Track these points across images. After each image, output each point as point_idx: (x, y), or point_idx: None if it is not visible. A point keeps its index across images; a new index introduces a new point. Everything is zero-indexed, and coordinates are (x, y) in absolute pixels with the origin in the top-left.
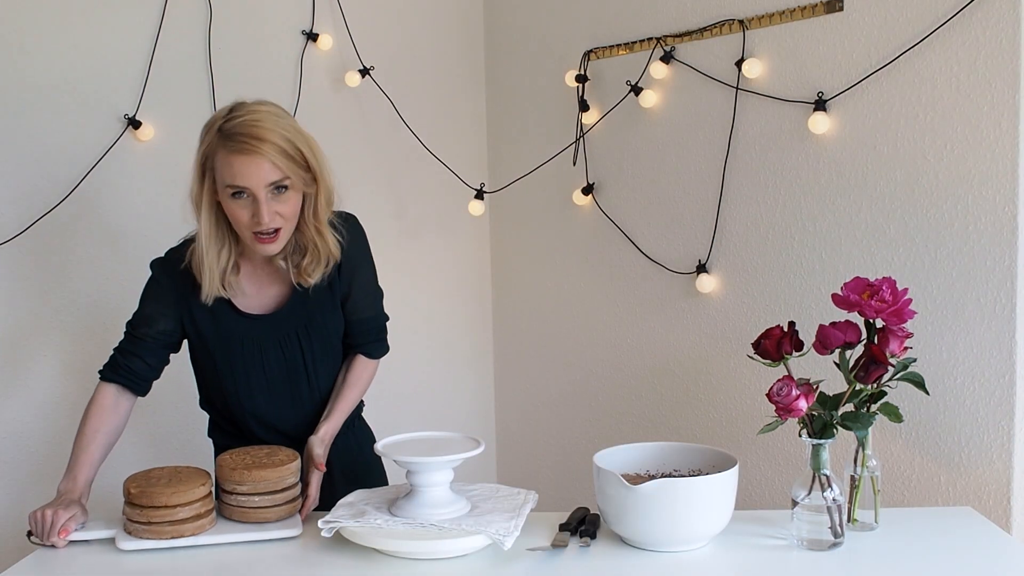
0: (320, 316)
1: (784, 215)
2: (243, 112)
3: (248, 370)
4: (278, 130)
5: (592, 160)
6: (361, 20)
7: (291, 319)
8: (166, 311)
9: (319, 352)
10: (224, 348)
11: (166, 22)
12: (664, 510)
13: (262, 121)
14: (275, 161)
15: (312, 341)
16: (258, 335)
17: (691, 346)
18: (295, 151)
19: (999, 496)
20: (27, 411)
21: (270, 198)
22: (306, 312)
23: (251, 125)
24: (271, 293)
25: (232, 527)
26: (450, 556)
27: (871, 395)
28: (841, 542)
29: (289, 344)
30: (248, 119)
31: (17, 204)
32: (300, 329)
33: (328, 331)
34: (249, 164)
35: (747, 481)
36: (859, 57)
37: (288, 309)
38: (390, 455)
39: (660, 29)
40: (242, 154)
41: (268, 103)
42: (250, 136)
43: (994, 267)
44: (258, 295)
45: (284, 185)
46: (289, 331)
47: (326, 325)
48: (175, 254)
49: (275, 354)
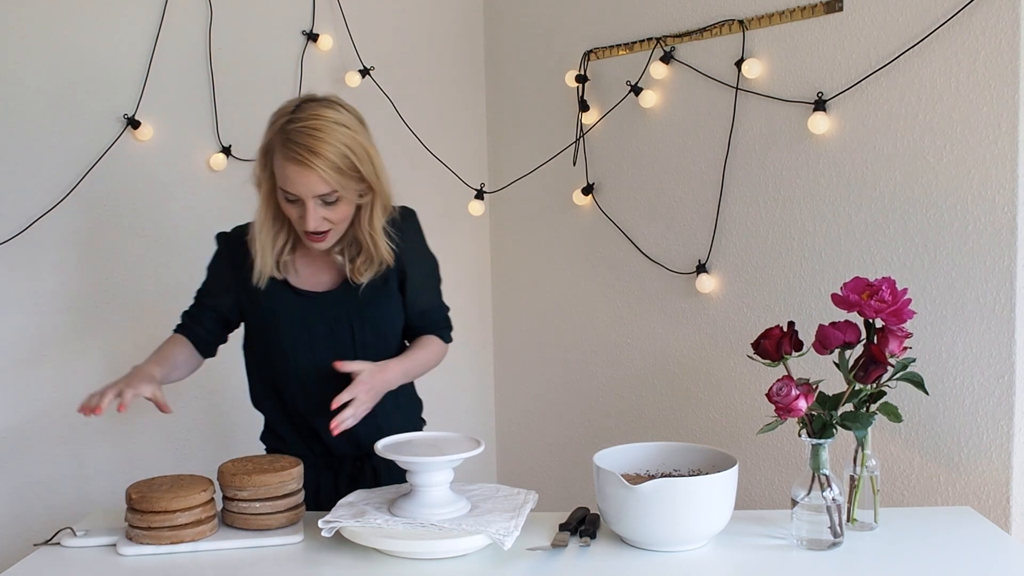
0: (374, 304)
1: (784, 215)
2: (305, 116)
3: (296, 345)
4: (334, 143)
5: (592, 160)
6: (361, 20)
7: (344, 302)
8: (224, 285)
9: (370, 339)
10: (273, 321)
11: (166, 22)
12: (664, 510)
13: (320, 131)
14: (325, 176)
15: (364, 326)
16: (307, 312)
17: (691, 346)
18: (348, 165)
19: (998, 496)
20: (25, 412)
21: (319, 205)
22: (359, 298)
23: (308, 135)
24: (324, 279)
25: (233, 534)
26: (450, 556)
27: (870, 395)
28: (840, 542)
29: (339, 326)
30: (308, 126)
31: (17, 204)
32: (353, 313)
33: (380, 320)
34: (299, 174)
35: (747, 481)
36: (859, 57)
37: (341, 292)
38: (390, 455)
39: (660, 29)
40: (295, 163)
41: (334, 105)
42: (305, 148)
43: (993, 267)
44: (312, 277)
45: (334, 198)
46: (340, 313)
47: (379, 313)
48: (240, 230)
49: (323, 332)
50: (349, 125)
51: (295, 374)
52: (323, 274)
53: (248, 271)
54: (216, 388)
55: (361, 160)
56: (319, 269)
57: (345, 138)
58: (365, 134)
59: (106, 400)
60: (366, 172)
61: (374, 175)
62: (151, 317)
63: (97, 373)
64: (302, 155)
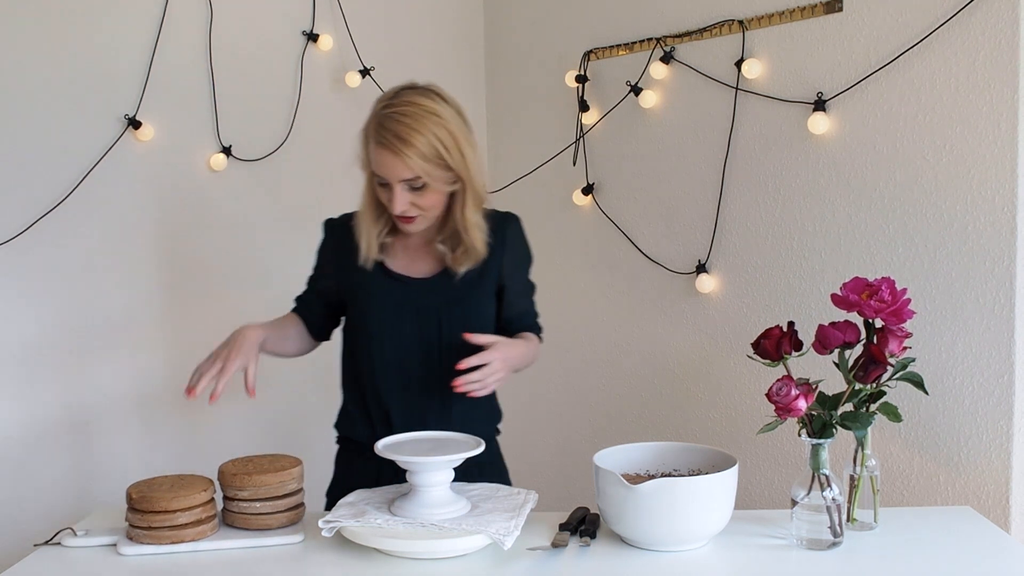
0: (465, 299)
1: (784, 215)
2: (400, 102)
3: (382, 328)
4: (423, 131)
5: (592, 160)
6: (361, 20)
7: (435, 292)
8: (328, 269)
9: (456, 333)
10: (364, 301)
11: (166, 22)
12: (664, 510)
13: (410, 119)
14: (410, 163)
15: (452, 320)
16: (398, 296)
17: (691, 346)
18: (434, 154)
19: (998, 495)
20: (25, 412)
21: (405, 190)
22: (452, 290)
23: (398, 121)
24: (421, 266)
25: (233, 534)
26: (450, 556)
27: (870, 395)
28: (840, 542)
29: (426, 314)
30: (399, 112)
31: (17, 204)
32: (442, 304)
33: (468, 316)
34: (387, 160)
35: (747, 481)
36: (858, 57)
37: (435, 281)
38: (390, 455)
39: (660, 29)
40: (383, 148)
41: (431, 94)
42: (393, 134)
43: (993, 267)
44: (410, 263)
45: (420, 184)
46: (430, 302)
47: (468, 310)
48: (346, 216)
49: (410, 318)
50: (441, 115)
51: (378, 357)
52: (420, 261)
53: (350, 254)
54: None
55: (449, 150)
56: (416, 256)
57: (435, 127)
58: (459, 125)
59: (201, 385)
60: (454, 162)
61: (463, 166)
62: (151, 317)
63: (97, 373)
64: (390, 141)
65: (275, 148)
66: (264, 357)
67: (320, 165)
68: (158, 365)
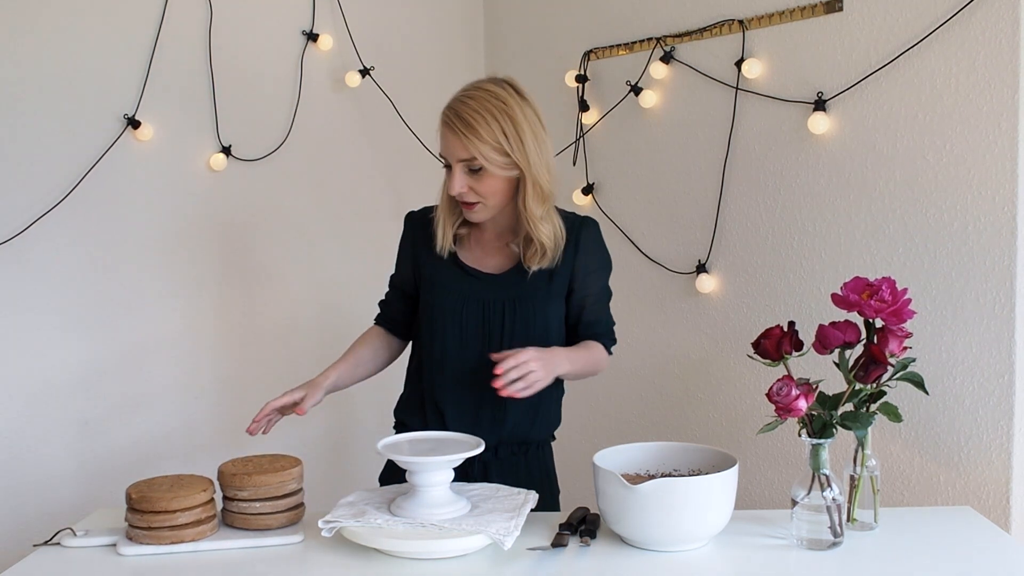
0: (532, 299)
1: (784, 215)
2: (472, 88)
3: (447, 320)
4: (485, 115)
5: (592, 160)
6: (361, 20)
7: (503, 288)
8: (405, 261)
9: (519, 331)
10: (433, 292)
11: (166, 22)
12: (664, 510)
13: (473, 100)
14: (466, 143)
15: (515, 317)
16: (466, 288)
17: (691, 346)
18: (493, 139)
19: (998, 496)
20: (25, 412)
21: (463, 172)
22: (519, 289)
23: (462, 102)
24: (492, 261)
25: (233, 534)
26: (450, 556)
27: (870, 395)
28: (840, 542)
29: (491, 309)
30: (466, 95)
31: (17, 203)
32: (508, 301)
33: (534, 316)
34: (446, 138)
35: (747, 481)
36: (859, 57)
37: (504, 277)
38: (390, 455)
39: (660, 29)
40: (444, 127)
41: (503, 84)
42: (454, 113)
43: (993, 267)
44: (482, 257)
45: (477, 166)
46: (495, 297)
47: (534, 310)
48: (426, 209)
49: (475, 312)
50: (507, 103)
51: (440, 350)
52: (492, 257)
53: (426, 245)
54: (218, 388)
55: (509, 137)
56: (489, 252)
57: (498, 112)
58: (526, 117)
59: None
60: (513, 151)
61: (523, 157)
62: (151, 317)
63: (97, 373)
64: (452, 121)
65: (275, 148)
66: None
67: (320, 165)
68: (157, 364)
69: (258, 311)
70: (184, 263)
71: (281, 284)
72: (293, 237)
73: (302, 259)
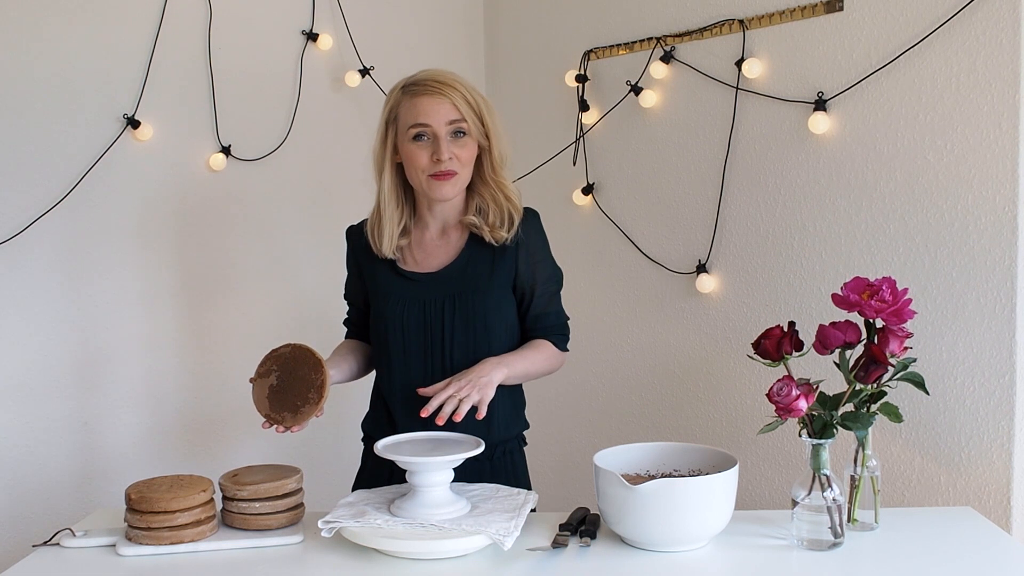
0: (473, 290)
1: (784, 215)
2: (426, 71)
3: (388, 325)
4: (460, 81)
5: (592, 160)
6: (361, 20)
7: (443, 284)
8: (352, 275)
9: (459, 326)
10: (378, 303)
11: (166, 22)
12: (664, 510)
13: (445, 75)
14: (456, 103)
15: (455, 313)
16: (406, 293)
17: (691, 346)
18: (473, 101)
19: (999, 496)
20: (25, 412)
21: (449, 139)
22: (459, 283)
23: (435, 76)
24: (433, 261)
25: (233, 534)
26: (450, 556)
27: (871, 395)
28: (841, 542)
29: (431, 308)
30: (431, 72)
31: (16, 203)
32: (448, 297)
33: (475, 308)
34: (432, 103)
35: (747, 481)
36: (859, 57)
37: (443, 274)
38: (390, 455)
39: (660, 29)
40: (426, 95)
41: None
42: (435, 81)
43: (994, 267)
44: (423, 260)
45: (462, 129)
46: (434, 296)
47: (475, 300)
48: (363, 222)
49: (416, 313)
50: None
51: (386, 356)
52: (433, 256)
53: (367, 255)
54: (221, 388)
55: (478, 100)
56: (430, 252)
57: (466, 82)
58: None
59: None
60: (484, 115)
61: (491, 121)
62: (152, 317)
63: (97, 373)
64: (434, 85)
65: (275, 148)
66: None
67: (320, 165)
68: (157, 364)
69: (259, 310)
70: (184, 263)
71: (281, 283)
72: (293, 237)
73: (302, 258)
